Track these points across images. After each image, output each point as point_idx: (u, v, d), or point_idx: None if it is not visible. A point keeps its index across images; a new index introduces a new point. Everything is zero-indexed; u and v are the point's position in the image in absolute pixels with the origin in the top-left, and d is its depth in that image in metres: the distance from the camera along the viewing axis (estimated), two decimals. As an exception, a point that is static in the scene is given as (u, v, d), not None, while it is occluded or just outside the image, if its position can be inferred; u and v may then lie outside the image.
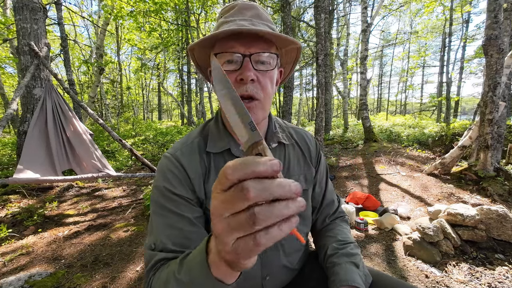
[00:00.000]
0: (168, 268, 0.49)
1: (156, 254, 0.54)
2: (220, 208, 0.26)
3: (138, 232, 2.35)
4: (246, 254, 0.26)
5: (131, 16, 7.16)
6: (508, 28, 3.47)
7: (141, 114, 21.33)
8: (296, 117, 18.05)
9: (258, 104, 0.59)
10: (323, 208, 0.81)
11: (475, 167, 3.19)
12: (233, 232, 0.26)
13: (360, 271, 0.64)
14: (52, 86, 3.23)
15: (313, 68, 16.71)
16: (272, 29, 0.62)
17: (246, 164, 0.25)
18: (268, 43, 0.59)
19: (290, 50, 0.66)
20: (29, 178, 2.61)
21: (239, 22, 0.59)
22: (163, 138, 7.61)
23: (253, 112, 0.59)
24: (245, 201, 0.25)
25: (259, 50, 0.57)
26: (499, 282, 1.53)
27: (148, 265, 0.54)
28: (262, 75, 0.58)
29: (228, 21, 0.60)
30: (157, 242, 0.55)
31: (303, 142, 0.78)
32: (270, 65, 0.60)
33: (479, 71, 15.61)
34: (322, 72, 4.26)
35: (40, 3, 3.50)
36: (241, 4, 0.63)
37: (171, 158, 0.63)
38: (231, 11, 0.63)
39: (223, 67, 0.57)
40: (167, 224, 0.57)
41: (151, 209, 0.61)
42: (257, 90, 0.58)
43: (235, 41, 0.56)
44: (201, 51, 0.63)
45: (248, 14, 0.62)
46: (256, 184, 0.25)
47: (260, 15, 0.63)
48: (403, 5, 12.23)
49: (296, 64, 0.73)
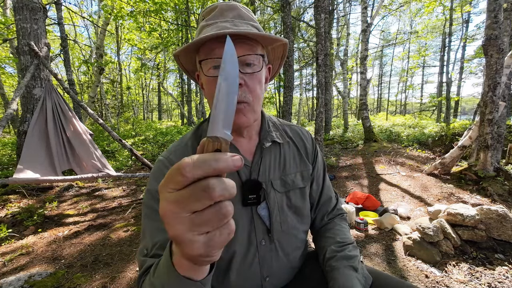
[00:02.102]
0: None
1: (147, 260, 0.53)
2: (177, 208, 0.25)
3: (138, 232, 2.35)
4: (220, 245, 0.27)
5: (131, 16, 7.16)
6: (508, 28, 3.47)
7: (141, 114, 21.33)
8: (296, 117, 18.05)
9: (247, 106, 0.58)
10: (321, 205, 0.80)
11: (475, 167, 3.19)
12: (200, 229, 0.26)
13: (359, 274, 0.63)
14: (52, 86, 3.23)
15: (313, 68, 16.71)
16: (255, 28, 0.61)
17: (207, 161, 0.25)
18: (253, 44, 0.58)
19: (277, 47, 0.65)
20: (29, 178, 2.61)
21: (220, 24, 0.58)
22: (163, 138, 7.60)
23: (243, 115, 0.58)
24: (208, 200, 0.25)
25: (244, 53, 0.56)
26: (499, 282, 1.53)
27: (140, 271, 0.53)
28: (249, 78, 0.57)
29: (209, 24, 0.59)
30: (149, 247, 0.54)
31: (299, 139, 0.78)
32: (257, 66, 0.59)
33: (479, 71, 15.62)
34: (322, 72, 4.27)
35: (40, 3, 3.50)
36: (222, 5, 0.62)
37: (165, 161, 0.63)
38: (212, 13, 0.62)
39: (209, 72, 0.57)
40: (159, 228, 0.56)
41: (143, 213, 0.60)
42: (245, 94, 0.57)
43: (218, 44, 0.55)
44: (186, 56, 0.63)
45: (230, 15, 0.61)
46: (219, 183, 0.25)
47: (242, 15, 0.62)
48: (403, 5, 12.23)
49: (284, 59, 0.71)
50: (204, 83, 0.61)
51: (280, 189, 0.69)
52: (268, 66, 0.69)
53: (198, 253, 0.27)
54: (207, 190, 0.24)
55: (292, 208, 0.71)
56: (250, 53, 0.56)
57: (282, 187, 0.69)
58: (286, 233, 0.69)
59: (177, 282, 0.35)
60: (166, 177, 0.26)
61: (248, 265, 0.64)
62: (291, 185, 0.71)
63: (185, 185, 0.25)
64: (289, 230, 0.70)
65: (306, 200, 0.74)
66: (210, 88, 0.58)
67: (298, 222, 0.72)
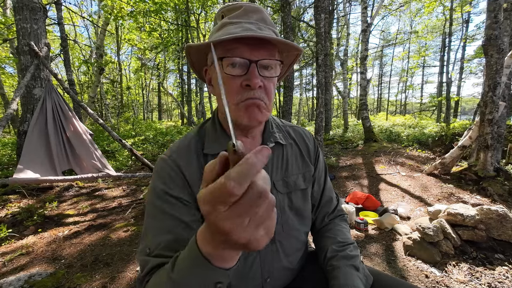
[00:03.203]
0: (161, 271, 0.48)
1: (150, 260, 0.52)
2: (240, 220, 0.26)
3: (138, 232, 2.35)
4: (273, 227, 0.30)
5: (131, 16, 7.16)
6: (508, 28, 3.47)
7: (141, 114, 21.32)
8: (296, 117, 18.06)
9: (264, 105, 0.59)
10: (322, 206, 0.80)
11: (475, 167, 3.19)
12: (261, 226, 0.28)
13: (360, 274, 0.63)
14: (52, 86, 3.23)
15: (313, 68, 16.71)
16: (275, 33, 0.62)
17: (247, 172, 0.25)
18: (272, 48, 0.58)
19: (291, 55, 0.66)
20: (29, 178, 2.61)
21: (245, 25, 0.58)
22: (163, 138, 7.61)
23: (259, 110, 0.59)
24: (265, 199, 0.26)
25: (266, 57, 0.56)
26: (499, 282, 1.53)
27: (143, 271, 0.52)
28: (267, 81, 0.58)
29: (233, 23, 0.59)
30: (152, 247, 0.54)
31: (301, 141, 0.78)
32: (275, 71, 0.59)
33: (479, 71, 15.62)
34: (322, 72, 4.27)
35: (40, 3, 3.50)
36: (247, 6, 0.61)
37: (168, 160, 0.62)
38: (236, 12, 0.61)
39: (226, 70, 0.56)
40: (163, 228, 0.55)
41: (147, 212, 0.60)
42: (263, 96, 0.58)
43: (241, 44, 0.55)
44: (199, 50, 0.62)
45: (254, 17, 0.61)
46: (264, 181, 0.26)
47: (265, 19, 0.62)
48: (403, 5, 12.24)
49: (292, 67, 0.73)
50: (218, 79, 0.60)
51: (282, 190, 0.69)
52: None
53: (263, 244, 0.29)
54: (263, 195, 0.25)
55: (293, 209, 0.71)
56: (271, 58, 0.57)
57: (284, 188, 0.69)
58: (287, 234, 0.69)
59: (209, 273, 0.36)
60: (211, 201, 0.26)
61: (249, 266, 0.64)
62: (293, 186, 0.71)
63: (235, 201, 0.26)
64: (290, 231, 0.70)
65: (307, 201, 0.74)
66: (228, 84, 0.57)
67: (299, 224, 0.72)
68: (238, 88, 0.57)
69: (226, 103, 0.30)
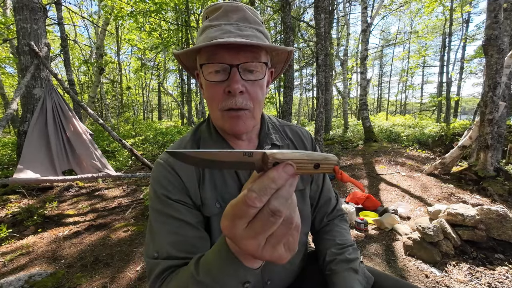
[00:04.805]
0: (180, 274, 0.48)
1: (160, 263, 0.52)
2: (258, 240, 0.28)
3: (138, 232, 2.35)
4: (296, 242, 0.31)
5: (131, 16, 7.16)
6: (508, 28, 3.47)
7: (141, 114, 21.32)
8: (296, 117, 18.05)
9: (248, 113, 0.58)
10: (320, 206, 0.80)
11: (475, 167, 3.19)
12: (281, 243, 0.29)
13: (359, 276, 0.63)
14: (52, 86, 3.23)
15: (313, 68, 16.70)
16: (260, 32, 0.60)
17: (266, 186, 0.26)
18: (257, 51, 0.56)
19: (281, 53, 0.64)
20: (29, 178, 2.61)
21: (224, 28, 0.56)
22: (163, 138, 7.61)
23: (242, 122, 0.57)
24: (280, 219, 0.27)
25: (248, 60, 0.54)
26: (499, 282, 1.53)
27: (152, 274, 0.52)
28: (251, 85, 0.56)
29: (213, 26, 0.58)
30: (160, 250, 0.54)
31: (298, 140, 0.77)
32: (260, 73, 0.57)
33: (479, 71, 15.60)
34: (322, 72, 4.27)
35: (40, 3, 3.50)
36: (227, 6, 0.59)
37: (164, 164, 0.62)
38: (216, 13, 0.60)
39: (209, 77, 0.56)
40: (170, 230, 0.55)
41: (150, 217, 0.60)
42: (246, 102, 0.56)
43: (221, 49, 0.53)
44: (187, 55, 0.62)
45: (235, 17, 0.59)
46: (280, 202, 0.26)
47: (247, 17, 0.60)
48: (403, 5, 12.24)
49: (287, 63, 0.70)
50: (204, 86, 0.60)
51: None
52: (271, 69, 0.68)
53: (285, 260, 0.30)
54: (276, 214, 0.26)
55: None
56: (254, 60, 0.55)
57: None
58: None
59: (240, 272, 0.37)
60: (231, 215, 0.28)
61: None
62: None
63: (253, 216, 0.27)
64: None
65: (306, 201, 0.74)
66: (210, 92, 0.58)
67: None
68: (221, 95, 0.56)
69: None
